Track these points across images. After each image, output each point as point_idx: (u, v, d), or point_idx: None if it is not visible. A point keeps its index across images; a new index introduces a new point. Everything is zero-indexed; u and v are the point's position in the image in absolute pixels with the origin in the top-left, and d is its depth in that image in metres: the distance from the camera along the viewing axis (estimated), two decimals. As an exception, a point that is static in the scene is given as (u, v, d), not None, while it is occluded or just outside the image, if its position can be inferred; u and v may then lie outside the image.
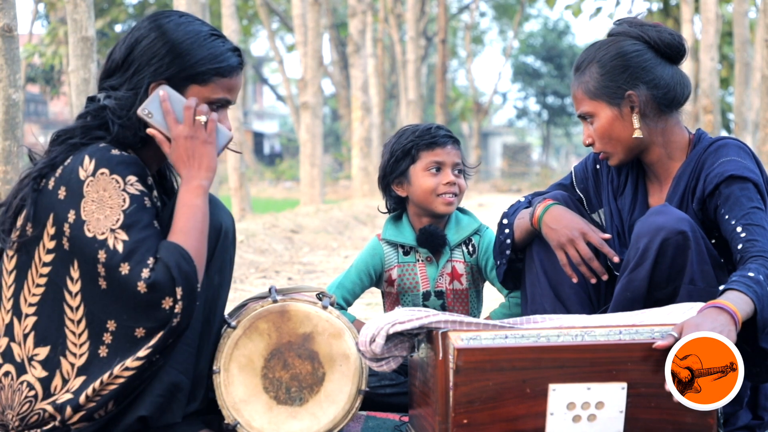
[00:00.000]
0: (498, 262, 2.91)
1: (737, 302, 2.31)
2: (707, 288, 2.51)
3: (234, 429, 2.50)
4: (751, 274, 2.38)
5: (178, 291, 2.34)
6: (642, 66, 2.68)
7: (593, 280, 2.70)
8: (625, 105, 2.68)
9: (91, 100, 2.50)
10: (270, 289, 2.60)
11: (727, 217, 2.54)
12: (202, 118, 2.47)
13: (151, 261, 2.33)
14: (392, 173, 3.14)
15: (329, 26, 27.96)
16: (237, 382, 2.51)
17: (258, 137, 47.28)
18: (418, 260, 3.13)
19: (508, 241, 2.85)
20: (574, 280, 2.72)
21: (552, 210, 2.76)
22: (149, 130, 2.46)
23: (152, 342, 2.35)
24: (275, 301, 2.55)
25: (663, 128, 2.71)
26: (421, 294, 3.12)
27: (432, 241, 3.09)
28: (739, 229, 2.50)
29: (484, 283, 3.19)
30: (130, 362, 2.35)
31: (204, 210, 2.45)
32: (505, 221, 2.87)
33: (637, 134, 2.68)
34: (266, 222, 10.73)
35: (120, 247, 2.33)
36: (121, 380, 2.35)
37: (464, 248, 3.13)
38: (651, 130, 2.70)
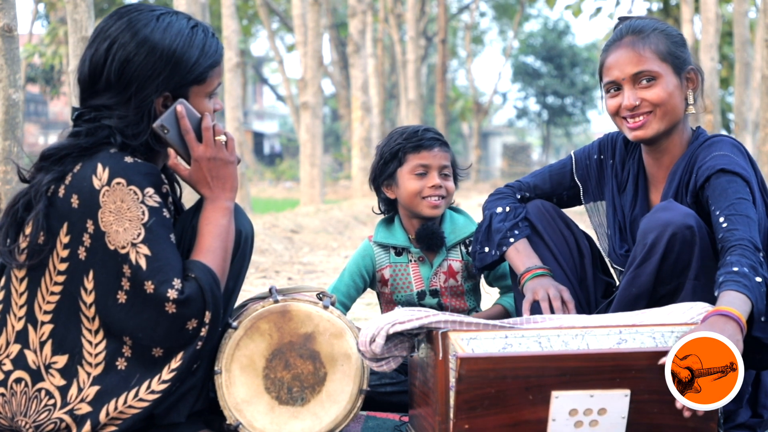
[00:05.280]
0: (478, 265, 2.96)
1: (741, 306, 2.30)
2: (710, 283, 2.50)
3: (236, 429, 2.50)
4: (735, 269, 2.37)
5: (207, 315, 2.35)
6: (689, 51, 2.73)
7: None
8: (684, 78, 2.71)
9: (78, 116, 2.44)
10: (271, 290, 2.60)
11: (713, 208, 2.55)
12: (222, 138, 2.47)
13: (177, 281, 2.31)
14: (381, 175, 3.15)
15: (329, 26, 27.96)
16: (239, 382, 2.51)
17: (258, 137, 47.26)
18: (411, 260, 3.13)
19: (494, 253, 2.89)
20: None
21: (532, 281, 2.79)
22: (171, 162, 2.48)
23: (175, 365, 2.35)
24: (276, 302, 2.55)
25: (687, 117, 2.74)
26: (415, 293, 3.11)
27: (431, 239, 3.08)
28: (721, 219, 2.50)
29: (481, 276, 3.18)
30: (156, 385, 2.35)
31: (230, 231, 2.46)
32: (499, 237, 2.88)
33: (691, 110, 2.72)
34: (266, 222, 10.74)
35: (143, 263, 2.31)
36: (146, 404, 2.34)
37: (462, 248, 3.13)
38: (685, 108, 2.73)
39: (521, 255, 2.83)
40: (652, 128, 2.70)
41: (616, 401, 2.27)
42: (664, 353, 2.24)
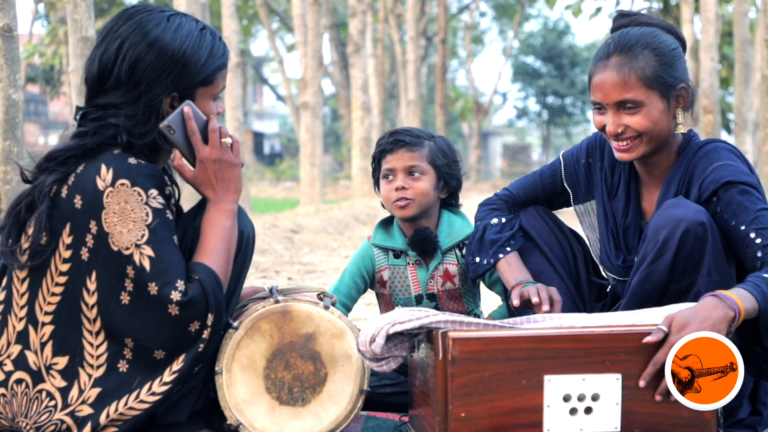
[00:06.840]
0: (471, 276, 2.96)
1: (742, 296, 2.30)
2: (722, 280, 2.49)
3: (236, 430, 2.50)
4: (766, 275, 2.36)
5: (210, 318, 2.35)
6: (684, 61, 2.67)
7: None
8: (673, 98, 2.64)
9: (83, 116, 2.44)
10: (271, 290, 2.60)
11: (733, 223, 2.51)
12: (228, 140, 2.48)
13: (180, 283, 2.32)
14: (374, 181, 3.20)
15: (329, 26, 27.96)
16: (239, 382, 2.51)
17: (258, 137, 47.28)
18: (409, 263, 3.13)
19: (487, 263, 2.89)
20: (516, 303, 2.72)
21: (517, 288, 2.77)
22: (176, 163, 2.48)
23: (177, 367, 2.35)
24: (277, 302, 2.55)
25: (675, 128, 2.69)
26: (413, 297, 3.12)
27: (423, 244, 3.08)
28: (752, 234, 2.47)
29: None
30: (157, 387, 2.34)
31: (233, 233, 2.46)
32: (492, 250, 2.88)
33: (681, 130, 2.66)
34: (266, 222, 10.74)
35: (147, 264, 2.31)
36: (147, 405, 2.34)
37: (457, 251, 3.12)
38: (674, 128, 2.68)
39: (512, 269, 2.83)
40: (637, 152, 2.66)
41: (609, 385, 2.29)
42: (651, 341, 2.26)
